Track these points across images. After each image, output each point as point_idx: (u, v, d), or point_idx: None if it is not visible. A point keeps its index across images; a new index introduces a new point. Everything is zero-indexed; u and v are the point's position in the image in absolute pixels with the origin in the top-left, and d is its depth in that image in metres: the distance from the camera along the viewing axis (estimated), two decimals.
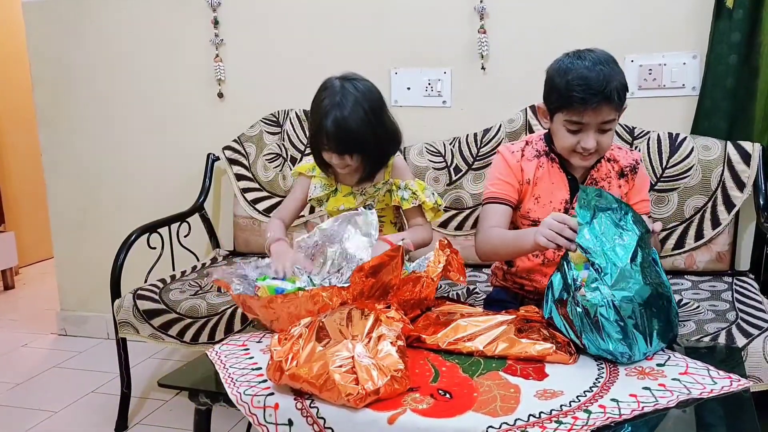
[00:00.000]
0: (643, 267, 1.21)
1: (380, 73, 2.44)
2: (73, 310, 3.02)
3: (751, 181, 2.02)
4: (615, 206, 1.26)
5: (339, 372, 1.09)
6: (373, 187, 1.68)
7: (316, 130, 1.58)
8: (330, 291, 1.34)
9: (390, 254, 1.32)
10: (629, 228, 1.24)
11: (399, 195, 1.67)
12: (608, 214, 1.25)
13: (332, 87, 1.58)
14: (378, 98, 1.61)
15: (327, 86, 1.60)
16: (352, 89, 1.57)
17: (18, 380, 2.58)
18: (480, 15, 2.31)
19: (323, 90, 1.60)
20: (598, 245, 1.22)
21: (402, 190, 1.67)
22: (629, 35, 2.19)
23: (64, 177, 2.91)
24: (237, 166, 2.55)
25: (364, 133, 1.55)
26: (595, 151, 1.51)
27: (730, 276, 2.06)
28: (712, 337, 1.59)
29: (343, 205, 1.69)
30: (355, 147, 1.56)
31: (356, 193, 1.69)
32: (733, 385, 1.11)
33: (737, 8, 2.02)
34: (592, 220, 1.24)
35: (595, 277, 1.20)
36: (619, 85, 1.47)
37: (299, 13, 2.53)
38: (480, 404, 1.07)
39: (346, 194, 1.69)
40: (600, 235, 1.23)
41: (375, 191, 1.68)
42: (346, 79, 1.59)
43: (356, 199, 1.68)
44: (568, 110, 1.47)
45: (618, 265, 1.19)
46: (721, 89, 2.07)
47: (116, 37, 2.76)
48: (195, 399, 1.27)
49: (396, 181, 1.68)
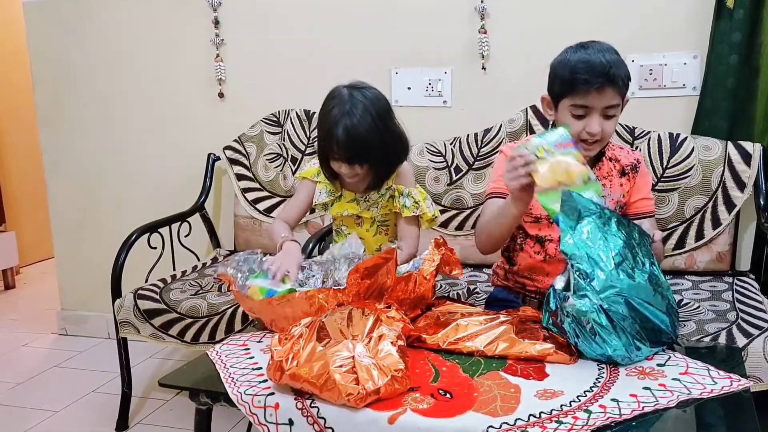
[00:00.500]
0: (632, 270, 1.21)
1: (381, 73, 2.45)
2: (73, 310, 3.02)
3: (751, 181, 2.02)
4: (599, 211, 1.26)
5: (339, 372, 1.09)
6: (377, 193, 1.67)
7: (326, 139, 1.56)
8: (326, 293, 1.34)
9: (385, 256, 1.33)
10: (614, 232, 1.24)
11: (401, 202, 1.66)
12: (593, 219, 1.24)
13: (340, 96, 1.56)
14: (385, 105, 1.60)
15: (335, 95, 1.58)
16: (361, 97, 1.55)
17: (18, 380, 2.58)
18: (480, 15, 2.31)
19: (331, 99, 1.58)
20: (583, 250, 1.21)
21: (404, 197, 1.66)
22: (630, 35, 2.19)
23: (64, 177, 2.91)
24: (237, 165, 2.55)
25: (374, 141, 1.54)
26: (599, 139, 1.52)
27: (731, 276, 2.06)
28: (713, 337, 1.59)
29: (347, 210, 1.68)
30: (365, 156, 1.55)
31: (360, 199, 1.68)
32: (734, 385, 1.11)
33: (738, 8, 2.02)
34: (577, 225, 1.24)
35: (581, 285, 1.19)
36: (623, 72, 1.49)
37: (300, 13, 2.53)
38: (480, 404, 1.07)
39: (350, 200, 1.68)
40: (585, 239, 1.22)
41: (379, 197, 1.67)
42: (354, 88, 1.58)
43: (360, 206, 1.67)
44: (572, 94, 1.49)
45: (604, 269, 1.19)
46: (721, 89, 2.07)
47: (116, 37, 2.76)
48: (195, 399, 1.27)
49: (399, 187, 1.67)
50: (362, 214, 1.67)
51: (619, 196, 1.62)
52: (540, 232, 1.64)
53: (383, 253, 1.34)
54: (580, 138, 1.52)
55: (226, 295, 2.09)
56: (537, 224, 1.64)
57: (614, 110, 1.50)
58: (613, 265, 1.19)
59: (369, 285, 1.32)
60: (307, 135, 2.48)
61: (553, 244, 1.62)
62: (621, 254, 1.21)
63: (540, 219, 1.63)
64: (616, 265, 1.20)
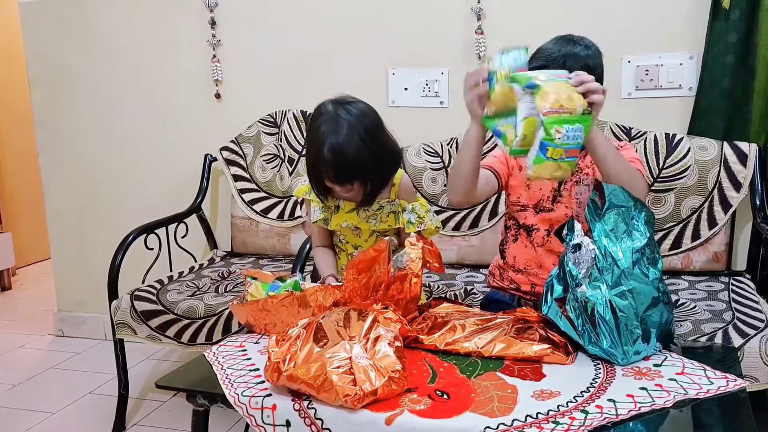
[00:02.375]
0: (647, 269, 1.21)
1: (377, 74, 2.45)
2: (70, 311, 3.01)
3: (747, 181, 2.03)
4: (630, 204, 1.26)
5: (337, 373, 1.09)
6: (376, 204, 1.63)
7: (315, 159, 1.52)
8: (324, 291, 1.34)
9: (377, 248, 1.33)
10: (639, 229, 1.24)
11: (406, 218, 1.64)
12: (621, 211, 1.25)
13: (327, 113, 1.52)
14: (373, 119, 1.55)
15: (321, 112, 1.54)
16: (346, 115, 1.51)
17: (15, 381, 2.57)
18: (477, 16, 2.31)
19: (318, 117, 1.54)
20: (602, 245, 1.22)
21: (409, 213, 1.64)
22: (626, 36, 2.20)
23: (61, 177, 2.91)
24: (234, 166, 2.55)
25: (363, 158, 1.50)
26: None
27: (727, 276, 2.07)
28: (709, 337, 1.60)
29: (346, 221, 1.65)
30: (355, 174, 1.51)
31: (359, 209, 1.64)
32: (730, 385, 1.12)
33: (734, 9, 2.02)
34: (604, 215, 1.24)
35: (596, 276, 1.20)
36: (578, 63, 1.48)
37: (297, 13, 2.53)
38: (477, 405, 1.07)
39: (349, 210, 1.65)
40: (609, 232, 1.23)
41: (378, 209, 1.64)
42: (340, 104, 1.53)
43: (359, 216, 1.64)
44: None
45: (620, 266, 1.20)
46: (717, 90, 2.08)
47: (113, 38, 2.75)
48: (192, 400, 1.27)
49: (402, 203, 1.64)
50: (360, 225, 1.65)
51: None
52: (526, 221, 1.66)
53: (376, 245, 1.34)
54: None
55: (223, 296, 2.09)
56: (524, 212, 1.65)
57: None
58: (630, 263, 1.20)
59: (366, 281, 1.33)
60: (304, 136, 2.48)
61: (540, 233, 1.64)
62: (640, 251, 1.21)
63: (527, 207, 1.64)
64: (633, 263, 1.20)
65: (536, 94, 1.26)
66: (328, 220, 1.67)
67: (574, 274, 1.22)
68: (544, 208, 1.64)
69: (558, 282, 1.26)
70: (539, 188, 1.64)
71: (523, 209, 1.66)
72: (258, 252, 2.54)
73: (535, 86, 1.26)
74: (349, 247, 1.69)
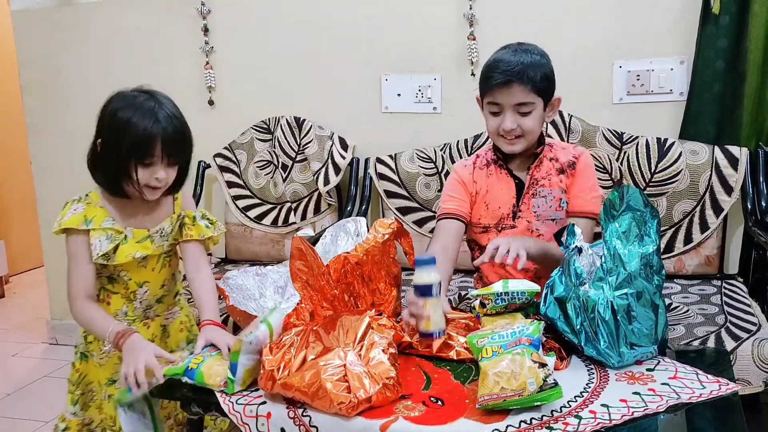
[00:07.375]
0: (651, 275, 1.22)
1: (371, 80, 2.46)
2: (63, 319, 3.00)
3: (738, 185, 2.04)
4: (645, 210, 1.26)
5: (331, 380, 1.09)
6: (170, 225, 1.51)
7: (135, 145, 1.37)
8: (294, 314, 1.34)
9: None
10: (651, 235, 1.24)
11: (201, 224, 1.53)
12: (636, 215, 1.25)
13: (133, 97, 1.40)
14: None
15: (127, 100, 1.40)
16: (157, 94, 1.42)
17: (8, 390, 2.56)
18: (469, 22, 2.32)
19: (124, 106, 1.40)
20: (612, 246, 1.22)
21: (202, 220, 1.55)
22: (617, 41, 2.21)
23: (54, 185, 2.90)
24: (228, 173, 2.55)
25: (188, 131, 1.44)
26: (520, 135, 1.55)
27: (719, 279, 2.08)
28: (702, 340, 1.60)
29: (138, 252, 1.45)
30: (185, 147, 1.44)
31: (154, 236, 1.49)
32: (722, 389, 1.12)
33: (723, 14, 2.04)
34: (619, 216, 1.25)
35: (600, 276, 1.21)
36: (539, 73, 1.50)
37: (290, 19, 2.53)
38: (472, 411, 1.08)
39: (141, 239, 1.47)
40: (621, 234, 1.23)
41: (171, 229, 1.51)
42: (137, 90, 1.43)
43: (154, 243, 1.49)
44: (487, 92, 1.55)
45: (627, 269, 1.20)
46: (708, 94, 2.10)
47: (106, 45, 2.75)
48: (187, 408, 1.27)
49: (189, 212, 1.54)
50: (154, 253, 1.49)
51: (560, 192, 1.61)
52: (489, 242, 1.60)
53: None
54: (498, 134, 1.56)
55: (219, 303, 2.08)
56: (486, 234, 1.64)
57: (528, 107, 1.52)
58: (637, 267, 1.20)
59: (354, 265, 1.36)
60: (297, 142, 2.48)
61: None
62: (648, 257, 1.22)
63: (488, 228, 1.64)
64: (640, 267, 1.20)
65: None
66: (110, 256, 1.43)
67: (579, 272, 1.23)
68: (506, 225, 1.62)
69: (560, 281, 1.26)
70: (498, 207, 1.63)
71: (485, 231, 1.64)
72: (252, 258, 2.54)
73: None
74: (132, 284, 1.50)
